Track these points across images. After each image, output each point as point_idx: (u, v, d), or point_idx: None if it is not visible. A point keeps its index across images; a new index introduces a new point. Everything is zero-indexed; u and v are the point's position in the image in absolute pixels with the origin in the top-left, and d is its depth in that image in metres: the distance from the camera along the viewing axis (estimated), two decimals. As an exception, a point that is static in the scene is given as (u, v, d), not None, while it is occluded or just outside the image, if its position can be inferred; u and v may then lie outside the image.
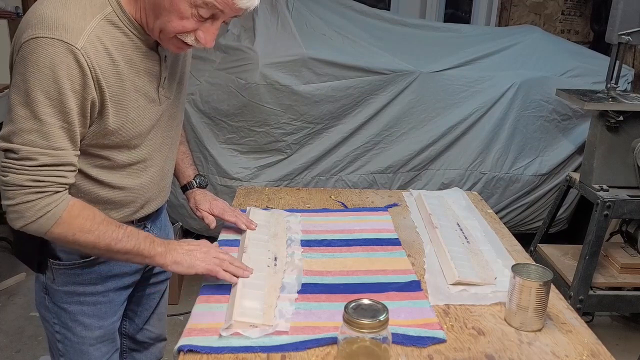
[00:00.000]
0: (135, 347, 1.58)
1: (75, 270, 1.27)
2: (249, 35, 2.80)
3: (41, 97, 1.04)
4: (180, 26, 1.09)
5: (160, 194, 1.37)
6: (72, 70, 1.04)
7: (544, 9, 4.00)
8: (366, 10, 3.21)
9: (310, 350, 1.09)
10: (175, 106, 1.33)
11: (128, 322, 1.54)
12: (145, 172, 1.28)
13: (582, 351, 1.13)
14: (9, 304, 2.82)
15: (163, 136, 1.30)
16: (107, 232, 1.15)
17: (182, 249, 1.25)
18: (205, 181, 1.59)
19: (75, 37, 1.04)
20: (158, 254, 1.22)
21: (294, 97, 2.72)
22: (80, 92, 1.06)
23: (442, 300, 1.29)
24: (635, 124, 2.35)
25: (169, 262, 1.23)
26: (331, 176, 2.90)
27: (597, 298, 2.42)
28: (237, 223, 1.52)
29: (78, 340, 1.33)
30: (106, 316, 1.34)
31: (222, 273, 1.26)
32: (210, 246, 1.31)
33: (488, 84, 2.93)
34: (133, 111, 1.17)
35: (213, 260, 1.26)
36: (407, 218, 1.72)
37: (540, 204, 3.13)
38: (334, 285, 1.32)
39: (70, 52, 1.03)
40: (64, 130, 1.07)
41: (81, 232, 1.12)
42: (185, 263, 1.24)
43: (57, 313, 1.31)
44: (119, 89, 1.13)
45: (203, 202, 1.53)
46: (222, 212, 1.53)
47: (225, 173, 2.80)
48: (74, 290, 1.29)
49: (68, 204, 1.11)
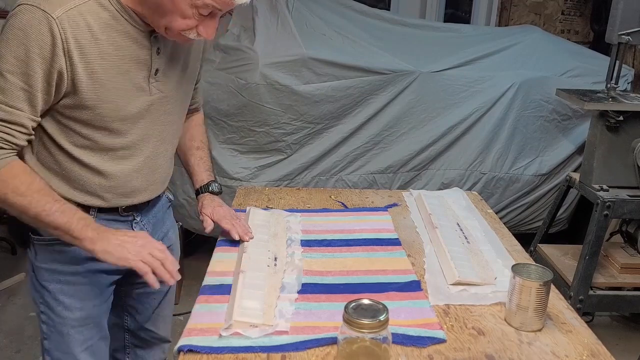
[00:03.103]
0: (138, 343, 1.58)
1: (55, 247, 1.28)
2: (249, 35, 2.80)
3: (8, 56, 1.10)
4: (184, 24, 1.16)
5: (150, 187, 1.37)
6: (44, 37, 1.09)
7: (544, 9, 4.00)
8: (366, 10, 3.21)
9: (310, 350, 1.09)
10: (172, 103, 1.34)
11: (129, 318, 1.54)
12: (129, 160, 1.29)
13: (582, 351, 1.13)
14: (9, 304, 2.82)
15: (152, 128, 1.31)
16: (40, 202, 1.16)
17: (115, 239, 1.22)
18: (219, 187, 1.57)
19: (54, 8, 1.09)
20: (87, 239, 1.19)
21: (294, 97, 2.72)
22: (49, 59, 1.11)
23: (442, 300, 1.29)
24: (635, 124, 2.35)
25: (99, 249, 1.19)
26: (331, 176, 2.90)
27: (597, 298, 2.42)
28: (230, 231, 1.47)
29: (59, 320, 1.33)
30: (87, 298, 1.34)
31: (149, 275, 1.21)
32: (147, 241, 1.26)
33: (488, 84, 2.93)
34: (114, 92, 1.20)
35: (146, 257, 1.22)
36: (407, 218, 1.72)
37: (540, 204, 3.13)
38: (334, 285, 1.32)
39: (45, 19, 1.09)
40: (23, 91, 1.12)
41: (14, 193, 1.15)
42: (116, 254, 1.20)
43: (41, 292, 1.32)
44: (99, 67, 1.16)
45: (207, 206, 1.52)
46: (221, 219, 1.50)
47: (225, 173, 2.80)
48: (54, 269, 1.30)
49: (9, 163, 1.15)
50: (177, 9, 1.14)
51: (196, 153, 1.57)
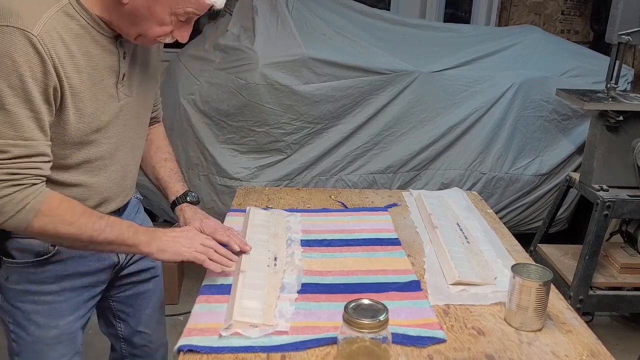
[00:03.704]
0: (135, 352, 1.57)
1: (29, 269, 1.25)
2: (248, 35, 2.80)
3: (3, 87, 1.03)
4: (161, 31, 1.14)
5: (122, 194, 1.35)
6: (30, 57, 1.03)
7: (544, 9, 4.00)
8: (366, 10, 3.21)
9: (310, 350, 1.09)
10: (138, 105, 1.31)
11: (122, 325, 1.52)
12: (105, 170, 1.26)
13: (582, 351, 1.13)
14: None
15: (123, 134, 1.28)
16: (89, 224, 1.14)
17: (166, 236, 1.24)
18: (197, 197, 1.48)
19: (31, 24, 1.03)
20: (142, 243, 1.21)
21: (294, 97, 2.72)
22: (42, 79, 1.06)
23: (442, 300, 1.29)
24: (635, 124, 2.35)
25: (155, 249, 1.22)
26: (331, 176, 2.90)
27: (597, 298, 2.42)
28: (229, 244, 1.37)
29: (32, 339, 1.30)
30: (62, 315, 1.31)
31: (208, 262, 1.25)
32: (195, 232, 1.31)
33: (488, 84, 2.93)
34: (91, 104, 1.16)
35: (199, 247, 1.26)
36: (407, 218, 1.72)
37: (540, 204, 3.13)
38: (334, 285, 1.32)
39: (26, 38, 1.02)
40: (32, 119, 1.07)
41: (62, 224, 1.11)
42: (171, 250, 1.23)
43: (11, 312, 1.29)
44: (77, 81, 1.12)
45: (194, 220, 1.41)
46: (214, 232, 1.38)
47: (225, 173, 2.80)
48: (27, 289, 1.27)
49: (46, 196, 1.11)
50: (154, 17, 1.11)
51: (165, 164, 1.50)
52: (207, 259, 1.25)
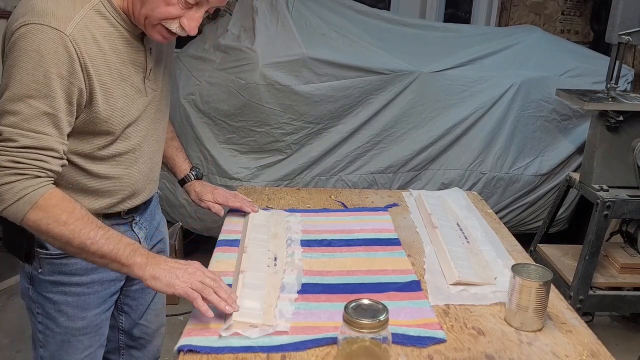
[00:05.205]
0: (132, 343, 1.57)
1: (62, 260, 1.27)
2: (248, 35, 2.80)
3: (26, 80, 1.06)
4: (166, 12, 1.13)
5: (149, 186, 1.38)
6: (60, 56, 1.07)
7: (544, 9, 4.00)
8: (366, 10, 3.21)
9: (310, 350, 1.09)
10: (161, 99, 1.35)
11: (124, 317, 1.53)
12: (135, 162, 1.30)
13: (582, 351, 1.13)
14: (9, 304, 2.82)
15: (150, 127, 1.32)
16: (84, 230, 1.11)
17: (165, 265, 1.16)
18: (201, 172, 1.63)
19: (64, 24, 1.07)
20: (136, 264, 1.14)
21: (294, 97, 2.72)
22: (67, 78, 1.09)
23: (442, 300, 1.29)
24: (635, 124, 2.35)
25: (148, 275, 1.14)
26: (331, 176, 2.90)
27: (597, 298, 2.42)
28: (242, 207, 1.59)
29: (61, 330, 1.32)
30: (89, 307, 1.33)
31: (199, 301, 1.12)
32: (198, 269, 1.19)
33: (488, 84, 2.93)
34: (121, 100, 1.20)
35: (196, 284, 1.14)
36: (407, 218, 1.72)
37: (540, 204, 3.13)
38: (334, 285, 1.32)
39: (58, 37, 1.06)
40: (47, 115, 1.09)
41: (56, 223, 1.09)
42: (164, 280, 1.14)
43: (41, 303, 1.31)
44: (108, 77, 1.16)
45: (205, 192, 1.57)
46: (226, 200, 1.59)
47: (225, 173, 2.80)
48: (59, 280, 1.28)
49: (47, 191, 1.10)
50: None
51: (171, 144, 1.58)
52: (200, 297, 1.13)
